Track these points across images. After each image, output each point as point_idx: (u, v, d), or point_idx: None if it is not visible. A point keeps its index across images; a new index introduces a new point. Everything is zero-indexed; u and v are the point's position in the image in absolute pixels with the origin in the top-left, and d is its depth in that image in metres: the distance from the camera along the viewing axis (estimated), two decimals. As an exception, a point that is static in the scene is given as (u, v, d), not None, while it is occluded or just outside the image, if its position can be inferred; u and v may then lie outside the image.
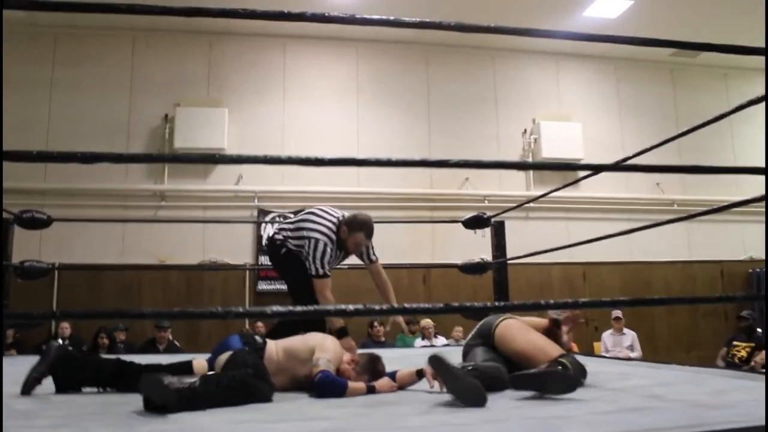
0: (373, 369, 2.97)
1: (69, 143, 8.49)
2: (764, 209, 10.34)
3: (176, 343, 7.72)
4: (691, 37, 2.38)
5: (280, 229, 3.80)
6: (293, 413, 2.34)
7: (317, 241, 3.57)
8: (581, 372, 2.67)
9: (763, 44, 2.32)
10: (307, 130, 9.49)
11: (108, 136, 8.90)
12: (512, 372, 2.65)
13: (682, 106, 10.85)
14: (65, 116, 8.99)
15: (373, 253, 3.89)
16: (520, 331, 2.95)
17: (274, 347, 2.94)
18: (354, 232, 3.63)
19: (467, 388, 2.32)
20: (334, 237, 3.63)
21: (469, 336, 3.20)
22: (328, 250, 3.57)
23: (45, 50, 9.16)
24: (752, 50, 2.32)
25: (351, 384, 2.76)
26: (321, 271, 3.53)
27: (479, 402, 2.29)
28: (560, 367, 2.42)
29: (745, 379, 3.00)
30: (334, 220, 3.68)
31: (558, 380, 2.39)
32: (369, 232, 3.65)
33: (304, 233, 3.65)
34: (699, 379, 2.98)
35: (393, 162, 1.68)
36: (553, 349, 2.79)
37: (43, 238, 7.98)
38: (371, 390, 2.78)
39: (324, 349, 2.87)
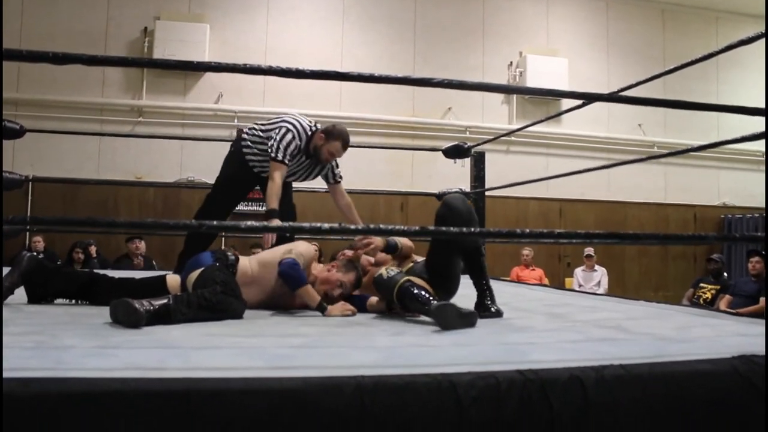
0: (353, 268, 3.00)
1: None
2: (738, 155, 10.48)
3: (146, 256, 7.71)
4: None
5: (251, 128, 3.72)
6: (266, 329, 2.36)
7: (288, 131, 3.50)
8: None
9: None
10: (290, 52, 9.26)
11: (84, 48, 8.54)
12: None
13: (670, 49, 10.75)
14: (38, 28, 8.64)
15: (340, 175, 3.82)
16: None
17: (248, 262, 2.96)
18: (332, 139, 3.52)
19: (462, 316, 2.40)
20: (305, 137, 3.54)
21: None
22: (293, 144, 3.49)
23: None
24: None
25: (309, 288, 2.82)
26: (281, 156, 3.45)
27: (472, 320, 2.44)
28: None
29: (709, 316, 3.08)
30: (309, 125, 3.61)
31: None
32: (345, 142, 3.55)
33: (275, 125, 3.58)
34: (665, 315, 3.06)
35: (376, 78, 1.65)
36: None
37: (16, 150, 7.83)
38: (323, 306, 2.78)
39: (297, 246, 2.98)
